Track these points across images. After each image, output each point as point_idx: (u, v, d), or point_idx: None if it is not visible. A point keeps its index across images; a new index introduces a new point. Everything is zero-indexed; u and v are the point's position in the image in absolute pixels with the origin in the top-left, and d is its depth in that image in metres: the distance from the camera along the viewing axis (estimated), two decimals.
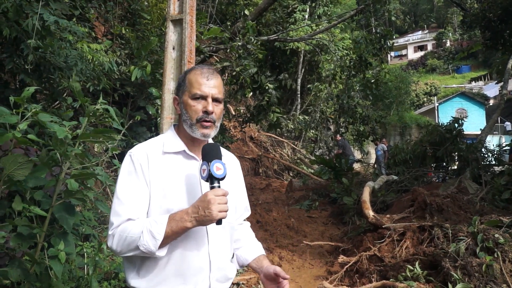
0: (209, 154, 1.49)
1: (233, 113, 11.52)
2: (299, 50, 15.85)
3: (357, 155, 15.57)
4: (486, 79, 40.21)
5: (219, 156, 1.50)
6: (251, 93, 8.83)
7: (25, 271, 2.31)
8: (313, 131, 15.68)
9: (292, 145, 15.95)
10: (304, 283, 5.05)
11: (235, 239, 1.78)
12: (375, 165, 13.76)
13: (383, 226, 5.25)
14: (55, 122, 2.38)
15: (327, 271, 5.31)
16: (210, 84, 1.57)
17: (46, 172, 2.55)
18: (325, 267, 5.56)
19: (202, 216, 1.40)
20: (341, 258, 5.14)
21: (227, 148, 9.09)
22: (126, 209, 1.48)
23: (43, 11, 3.47)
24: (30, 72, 3.95)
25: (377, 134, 11.91)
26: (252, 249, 1.79)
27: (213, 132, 1.59)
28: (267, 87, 8.00)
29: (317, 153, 15.70)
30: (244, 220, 1.87)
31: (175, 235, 1.43)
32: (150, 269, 1.50)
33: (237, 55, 7.38)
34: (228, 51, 7.70)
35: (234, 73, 7.21)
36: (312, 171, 12.63)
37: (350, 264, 4.91)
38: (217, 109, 1.58)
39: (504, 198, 6.16)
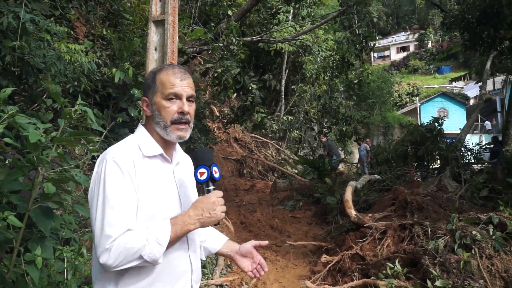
0: (206, 158, 1.52)
1: (217, 114, 11.49)
2: (283, 51, 15.90)
3: (341, 155, 15.67)
4: (466, 80, 41.02)
5: (213, 161, 1.54)
6: (235, 94, 8.83)
7: (1, 277, 2.26)
8: (297, 131, 15.75)
9: (276, 145, 15.97)
10: (287, 283, 5.07)
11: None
12: (358, 165, 13.90)
13: (365, 225, 5.30)
14: (33, 124, 2.34)
15: (310, 271, 5.34)
16: (184, 84, 1.53)
17: (23, 176, 2.51)
18: (309, 266, 5.58)
19: (207, 217, 1.43)
20: (324, 258, 5.17)
21: (211, 149, 9.06)
22: (123, 219, 1.37)
23: (19, 10, 3.40)
24: (7, 73, 3.88)
25: (359, 134, 12.03)
26: (217, 237, 1.83)
27: (188, 133, 1.55)
28: (250, 88, 8.00)
29: (301, 154, 15.76)
30: None
31: (176, 240, 1.44)
32: (133, 277, 1.43)
33: (219, 55, 7.36)
34: (210, 52, 7.69)
35: (216, 74, 7.18)
36: (296, 171, 12.68)
37: (332, 263, 4.94)
38: (191, 109, 1.54)
39: (482, 196, 6.29)
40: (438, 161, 9.03)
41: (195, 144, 8.13)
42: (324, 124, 12.47)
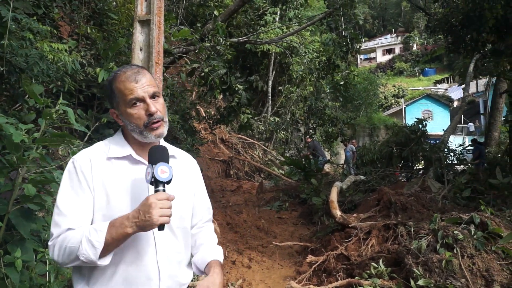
0: (154, 157, 1.42)
1: (203, 114, 11.45)
2: (270, 52, 15.93)
3: (327, 156, 15.77)
4: (450, 82, 41.66)
5: (165, 159, 1.43)
6: (221, 95, 8.80)
7: None
8: (283, 132, 15.79)
9: (263, 146, 15.98)
10: (273, 283, 5.08)
11: (193, 244, 1.72)
12: (344, 166, 14.00)
13: (350, 225, 5.34)
14: (11, 124, 2.30)
15: (296, 271, 5.35)
16: (141, 85, 1.48)
17: (4, 177, 2.46)
18: (294, 267, 5.59)
19: (143, 221, 1.33)
20: (310, 258, 5.19)
21: (197, 150, 9.03)
22: (65, 219, 1.40)
23: (1, 8, 3.34)
24: None
25: (345, 135, 12.12)
26: (206, 255, 1.69)
27: (165, 129, 1.52)
28: (237, 88, 7.99)
29: (287, 155, 15.81)
30: (207, 222, 1.79)
31: (116, 243, 1.37)
32: (100, 279, 1.44)
33: (206, 56, 7.34)
34: (197, 52, 7.66)
35: (203, 74, 7.16)
36: (283, 172, 12.71)
37: (318, 263, 4.96)
38: (158, 105, 1.50)
39: (464, 196, 6.39)
40: (422, 162, 9.15)
41: (181, 145, 8.09)
42: (310, 125, 12.53)
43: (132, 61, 4.61)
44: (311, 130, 12.79)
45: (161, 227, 1.36)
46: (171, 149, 1.65)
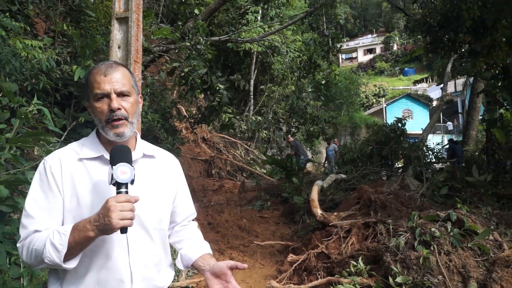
0: (115, 157, 1.37)
1: (185, 114, 11.37)
2: (252, 51, 15.92)
3: (309, 154, 15.86)
4: (429, 82, 42.40)
5: (126, 159, 1.38)
6: (202, 94, 8.76)
7: None
8: (265, 131, 15.81)
9: (245, 146, 15.97)
10: (254, 283, 5.08)
11: (178, 239, 1.72)
12: (325, 164, 14.11)
13: (331, 224, 5.38)
14: None
15: (277, 270, 5.36)
16: (109, 79, 1.44)
17: None
18: (276, 266, 5.61)
19: (103, 224, 1.30)
20: (291, 257, 5.20)
21: (178, 150, 8.96)
22: (33, 221, 1.39)
23: None
24: None
25: (327, 134, 12.21)
26: (197, 247, 1.69)
27: (127, 129, 1.47)
28: (218, 88, 7.96)
29: (269, 154, 15.84)
30: (190, 221, 1.79)
31: (80, 246, 1.34)
32: (72, 280, 1.42)
33: (186, 55, 7.29)
34: (177, 51, 7.60)
35: (183, 74, 7.10)
36: (265, 171, 12.72)
37: (298, 262, 4.98)
38: (125, 104, 1.46)
39: (442, 194, 6.52)
40: (402, 160, 9.30)
41: (162, 144, 8.02)
42: (292, 124, 12.59)
43: (110, 59, 4.54)
44: (293, 129, 12.84)
45: (123, 230, 1.32)
46: (150, 149, 1.63)
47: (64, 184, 1.43)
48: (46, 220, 1.40)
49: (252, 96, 17.27)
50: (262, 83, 18.08)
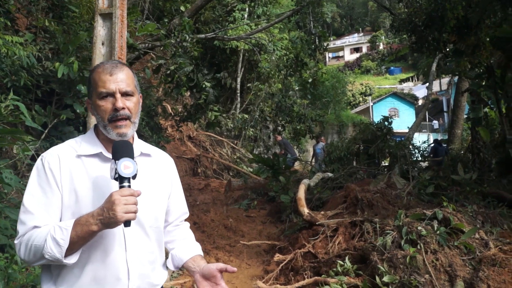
0: (118, 152, 1.41)
1: (170, 111, 11.26)
2: (239, 49, 15.86)
3: (296, 153, 15.88)
4: (415, 81, 42.91)
5: (128, 154, 1.41)
6: (188, 92, 8.68)
7: None
8: (252, 129, 15.78)
9: (231, 144, 15.92)
10: (240, 283, 5.03)
11: (170, 239, 1.73)
12: (311, 162, 14.12)
13: (317, 223, 5.36)
14: None
15: (264, 271, 5.32)
16: (115, 78, 1.48)
17: None
18: (262, 266, 5.57)
19: (107, 218, 1.32)
20: (277, 257, 5.18)
21: (163, 148, 8.86)
22: (32, 217, 1.39)
23: None
24: None
25: (313, 132, 12.24)
26: (188, 248, 1.71)
27: (130, 130, 1.51)
28: (204, 86, 7.89)
29: (256, 152, 15.82)
30: (183, 221, 1.81)
31: (82, 240, 1.35)
32: (66, 278, 1.42)
33: (172, 52, 7.20)
34: (163, 48, 7.50)
35: (169, 71, 7.02)
36: (252, 170, 12.69)
37: (285, 262, 4.95)
38: (129, 104, 1.50)
39: (428, 192, 6.56)
40: (388, 159, 9.36)
41: (146, 143, 7.91)
42: (279, 122, 12.58)
43: (94, 56, 4.46)
44: (279, 127, 12.83)
45: (127, 223, 1.35)
46: (146, 147, 1.66)
47: (62, 180, 1.44)
48: (45, 216, 1.41)
49: (238, 94, 17.20)
50: (248, 81, 18.02)
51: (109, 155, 1.50)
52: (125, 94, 1.49)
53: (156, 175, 1.62)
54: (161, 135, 8.62)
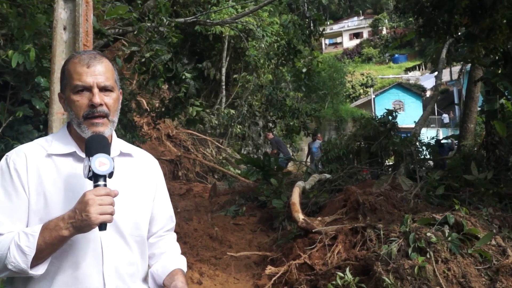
0: (92, 148, 1.40)
1: (145, 107, 11.19)
2: (223, 35, 15.82)
3: (290, 152, 15.92)
4: (422, 69, 43.27)
5: (104, 150, 1.41)
6: (165, 84, 8.63)
7: None
8: (240, 126, 15.77)
9: (216, 143, 15.91)
10: None
11: (152, 253, 1.70)
12: (307, 163, 14.15)
13: (314, 230, 5.36)
14: None
15: (254, 285, 5.32)
16: (92, 71, 1.47)
17: None
18: (252, 280, 5.57)
19: (79, 220, 1.31)
20: (269, 269, 5.17)
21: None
22: None
23: None
24: None
25: (308, 129, 12.26)
26: (168, 264, 1.69)
27: (108, 129, 1.50)
28: (184, 77, 7.85)
29: (244, 152, 15.81)
30: (168, 230, 1.79)
31: (50, 248, 1.33)
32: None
33: (147, 38, 7.14)
34: (136, 34, 7.44)
35: (143, 60, 6.96)
36: (239, 172, 12.68)
37: (278, 275, 4.95)
38: (108, 99, 1.49)
39: (438, 194, 6.59)
40: (393, 157, 9.39)
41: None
42: (269, 118, 12.59)
43: (54, 43, 4.38)
44: (270, 124, 12.84)
45: (102, 226, 1.34)
46: (127, 147, 1.67)
47: (30, 182, 1.43)
48: (9, 222, 1.39)
49: (223, 87, 17.17)
50: (235, 71, 18.00)
51: (84, 155, 1.48)
52: (103, 89, 1.49)
53: (138, 177, 1.62)
54: (136, 134, 8.56)
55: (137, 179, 1.62)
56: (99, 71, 1.48)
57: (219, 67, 16.94)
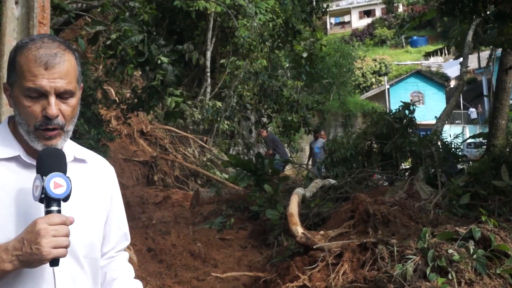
0: (46, 164, 1.37)
1: (114, 97, 11.16)
2: (208, 12, 15.80)
3: (288, 153, 15.95)
4: (445, 54, 43.47)
5: (61, 167, 1.39)
6: (138, 70, 8.61)
7: None
8: (228, 122, 15.76)
9: (200, 141, 15.89)
10: None
11: (103, 280, 1.70)
12: (308, 165, 14.18)
13: (315, 247, 5.39)
14: None
15: None
16: (51, 73, 1.42)
17: None
18: None
19: (28, 254, 1.28)
20: None
21: (105, 147, 8.79)
22: None
23: None
24: None
25: (310, 125, 12.28)
26: None
27: (61, 141, 1.49)
28: (160, 62, 7.84)
29: (233, 152, 15.82)
30: (120, 251, 1.80)
31: None
32: None
33: (114, 15, 7.13)
34: (100, 9, 7.43)
35: (110, 42, 6.95)
36: (227, 176, 12.68)
37: None
38: (65, 108, 1.46)
39: (463, 204, 6.63)
40: (410, 160, 9.43)
41: (82, 140, 7.83)
42: (263, 111, 12.58)
43: (4, 20, 4.38)
44: (264, 119, 12.83)
45: (54, 262, 1.32)
46: (80, 151, 1.66)
47: None
48: None
49: (208, 74, 17.16)
50: (222, 56, 17.99)
51: (30, 160, 1.49)
52: (62, 95, 1.45)
53: (93, 187, 1.62)
54: (102, 130, 8.54)
55: (92, 190, 1.62)
56: (59, 74, 1.43)
57: (203, 50, 16.91)
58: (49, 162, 1.38)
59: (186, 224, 9.10)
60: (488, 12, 10.19)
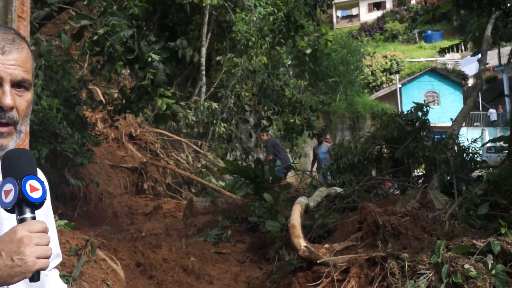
0: (17, 166, 1.33)
1: (101, 98, 11.19)
2: (203, 4, 15.85)
3: (290, 158, 15.96)
4: (462, 51, 43.52)
5: (33, 170, 1.35)
6: (126, 69, 8.63)
7: None
8: (224, 124, 15.79)
9: (194, 146, 15.90)
10: None
11: None
12: (312, 172, 14.17)
13: (319, 261, 5.39)
14: None
15: None
16: (7, 59, 1.40)
17: None
18: None
19: (9, 267, 1.21)
20: None
21: (90, 152, 8.80)
22: None
23: None
24: None
25: (314, 128, 12.29)
26: None
27: (12, 141, 1.44)
28: (150, 59, 7.87)
29: (230, 158, 15.82)
30: (54, 268, 1.79)
31: None
32: None
33: (101, 9, 7.17)
34: (85, 3, 7.47)
35: (96, 37, 6.99)
36: (223, 184, 12.68)
37: None
38: (21, 102, 1.44)
39: (481, 214, 6.63)
40: (423, 166, 9.42)
41: (65, 145, 7.85)
42: (263, 113, 12.60)
43: None
44: (264, 121, 12.85)
45: (35, 275, 1.25)
46: None
47: None
48: None
49: (203, 72, 17.19)
50: (218, 52, 18.03)
51: None
52: (18, 85, 1.43)
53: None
54: (87, 134, 8.55)
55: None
56: (16, 60, 1.42)
57: (197, 46, 16.93)
58: (21, 164, 1.34)
59: (178, 236, 9.11)
60: (508, 5, 10.22)
